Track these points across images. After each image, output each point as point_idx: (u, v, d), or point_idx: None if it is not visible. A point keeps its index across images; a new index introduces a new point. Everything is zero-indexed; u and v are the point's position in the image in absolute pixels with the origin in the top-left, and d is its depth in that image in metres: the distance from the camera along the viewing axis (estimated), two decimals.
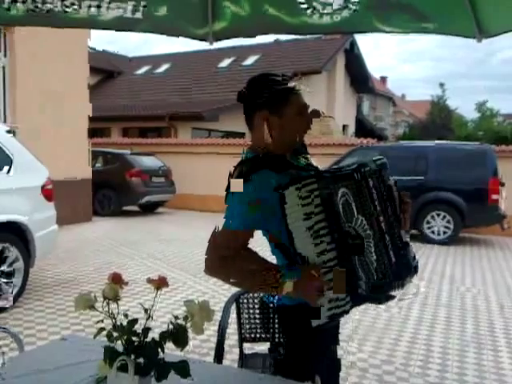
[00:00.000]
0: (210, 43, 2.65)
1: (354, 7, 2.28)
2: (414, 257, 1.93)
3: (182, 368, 1.43)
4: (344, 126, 23.55)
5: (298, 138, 1.84)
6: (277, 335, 2.30)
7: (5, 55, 9.24)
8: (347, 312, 1.72)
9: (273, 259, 1.81)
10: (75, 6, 2.24)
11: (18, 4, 2.22)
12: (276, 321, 2.22)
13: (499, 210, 9.55)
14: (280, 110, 1.78)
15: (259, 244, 1.94)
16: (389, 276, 1.78)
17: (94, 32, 11.58)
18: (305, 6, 2.33)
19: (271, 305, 2.03)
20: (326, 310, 1.66)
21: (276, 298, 1.90)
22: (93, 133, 12.17)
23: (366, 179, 1.78)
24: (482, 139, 25.44)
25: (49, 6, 2.22)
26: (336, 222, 1.67)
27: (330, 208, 1.67)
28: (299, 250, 1.63)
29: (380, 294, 1.78)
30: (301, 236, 1.62)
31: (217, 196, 13.91)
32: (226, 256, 1.71)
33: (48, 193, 5.47)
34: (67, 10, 2.23)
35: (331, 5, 2.30)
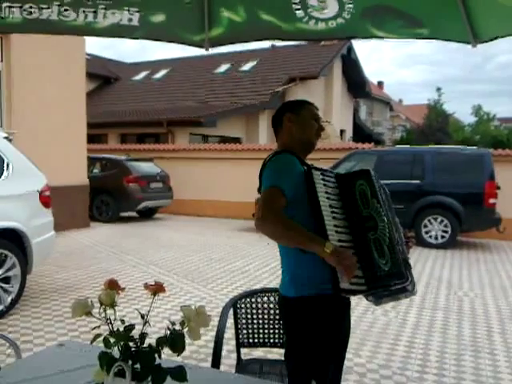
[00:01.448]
0: (206, 49, 2.67)
1: (348, 14, 2.29)
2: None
3: (179, 374, 1.43)
4: (341, 131, 23.60)
5: (311, 138, 2.08)
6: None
7: (1, 60, 9.23)
8: (361, 292, 1.82)
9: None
10: (72, 14, 2.25)
11: (15, 11, 2.23)
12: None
13: (496, 213, 9.57)
14: (299, 112, 2.09)
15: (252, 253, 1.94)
16: (399, 264, 1.88)
17: (90, 37, 11.62)
18: (300, 12, 2.34)
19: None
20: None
21: (293, 290, 1.93)
22: (90, 139, 12.17)
23: (378, 179, 1.99)
24: (478, 143, 25.54)
25: (45, 13, 2.23)
26: (353, 210, 1.89)
27: (347, 198, 1.92)
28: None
29: (391, 280, 1.86)
30: (326, 210, 1.85)
31: (214, 201, 13.98)
32: (275, 208, 1.83)
33: (46, 199, 5.46)
34: (63, 18, 2.24)
35: (326, 11, 2.32)
